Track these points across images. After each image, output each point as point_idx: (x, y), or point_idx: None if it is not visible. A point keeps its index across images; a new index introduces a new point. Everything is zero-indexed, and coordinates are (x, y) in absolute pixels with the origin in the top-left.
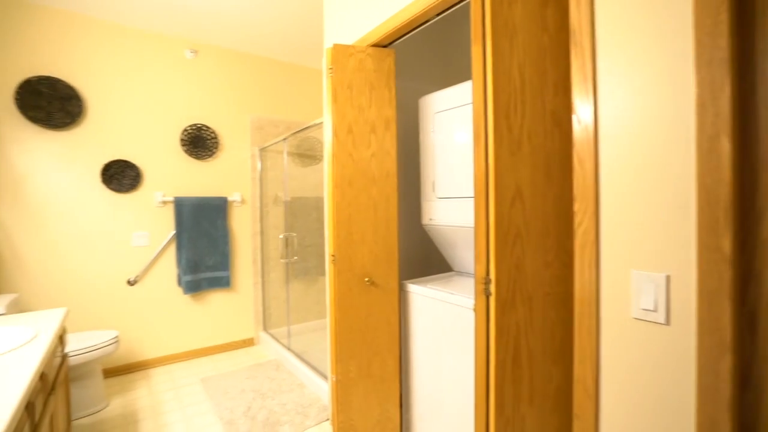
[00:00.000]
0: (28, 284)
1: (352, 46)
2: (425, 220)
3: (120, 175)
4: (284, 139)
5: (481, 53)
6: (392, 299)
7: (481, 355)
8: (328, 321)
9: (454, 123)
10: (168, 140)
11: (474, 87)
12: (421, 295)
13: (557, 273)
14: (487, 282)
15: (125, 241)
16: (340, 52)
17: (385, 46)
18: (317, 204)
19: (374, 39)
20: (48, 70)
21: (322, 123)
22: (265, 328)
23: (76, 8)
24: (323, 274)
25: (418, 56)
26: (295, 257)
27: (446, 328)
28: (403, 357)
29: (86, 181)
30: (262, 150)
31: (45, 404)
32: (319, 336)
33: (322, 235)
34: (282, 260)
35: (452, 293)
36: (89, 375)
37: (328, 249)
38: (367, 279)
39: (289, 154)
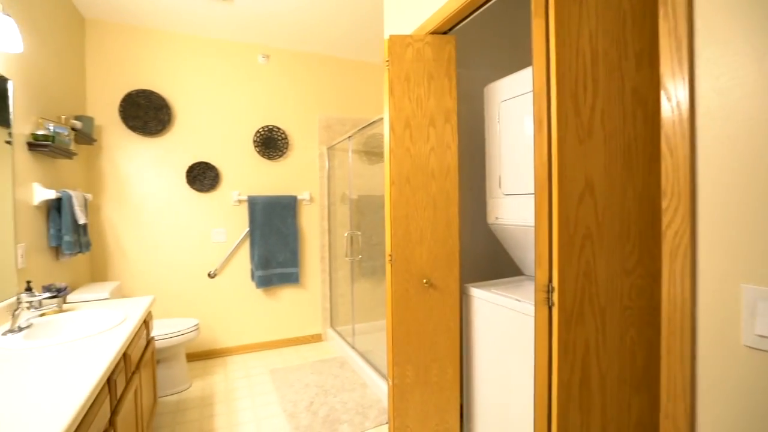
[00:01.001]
0: (128, 273)
1: (410, 36)
2: (491, 219)
3: (202, 176)
4: (349, 137)
5: (542, 25)
6: (452, 303)
7: (542, 374)
8: (386, 322)
9: (521, 112)
10: (242, 142)
11: (535, 66)
12: (485, 300)
13: (639, 283)
14: (550, 290)
15: (206, 236)
16: (396, 43)
17: (445, 33)
18: (384, 202)
19: (433, 26)
20: (144, 84)
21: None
22: (332, 325)
23: (165, 26)
24: None
25: (482, 41)
26: (360, 256)
27: (513, 338)
28: (464, 366)
29: (174, 181)
30: (330, 149)
31: (130, 380)
32: (384, 336)
33: None
34: (346, 258)
35: (519, 300)
36: (174, 358)
37: (387, 248)
38: (425, 281)
39: (356, 152)
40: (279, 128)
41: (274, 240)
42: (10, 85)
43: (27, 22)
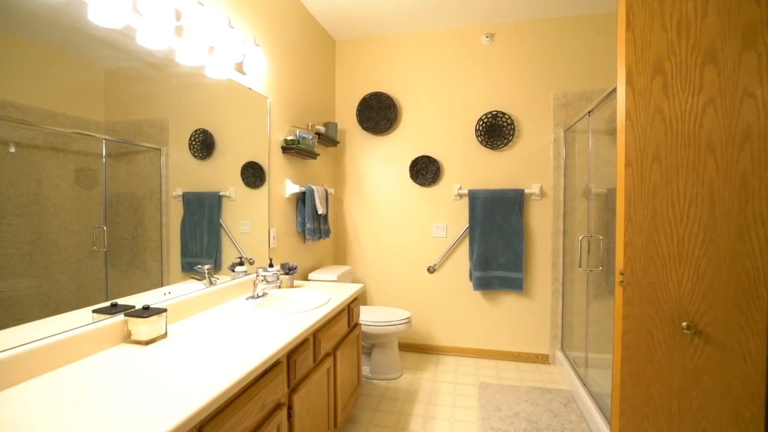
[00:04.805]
0: (360, 259)
1: None
2: None
3: (424, 170)
4: (588, 113)
5: None
6: (749, 374)
7: None
8: (612, 369)
9: None
10: (464, 133)
11: None
12: None
13: None
14: None
15: (426, 231)
16: None
17: None
18: None
19: None
20: (375, 87)
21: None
22: (563, 348)
23: (391, 30)
24: None
25: None
26: (600, 267)
27: None
28: None
29: (399, 176)
30: (568, 131)
31: (320, 361)
32: None
33: None
34: (580, 269)
35: None
36: (388, 345)
37: (616, 262)
38: (686, 324)
39: (601, 132)
40: (504, 113)
41: (495, 239)
42: (267, 102)
43: (285, 50)
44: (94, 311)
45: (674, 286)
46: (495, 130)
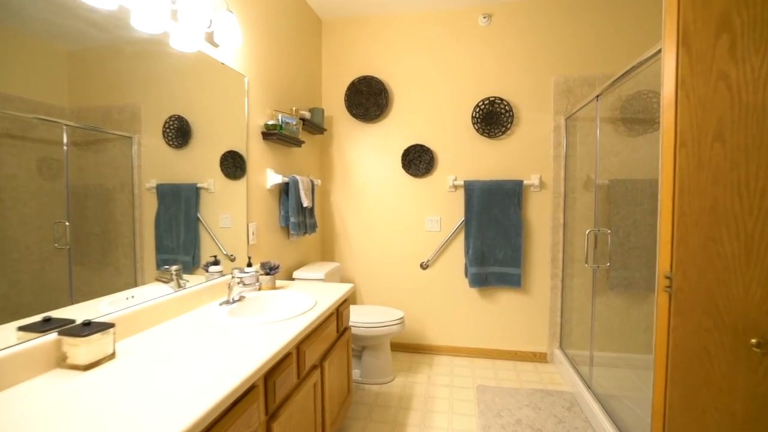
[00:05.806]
0: (350, 256)
1: None
2: None
3: (417, 160)
4: (596, 97)
5: None
6: None
7: None
8: (652, 389)
9: None
10: (459, 120)
11: None
12: None
13: None
14: None
15: (419, 224)
16: None
17: None
18: (653, 189)
19: None
20: (365, 71)
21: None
22: (562, 347)
23: (384, 8)
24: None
25: None
26: (608, 263)
27: None
28: None
29: (390, 166)
30: (569, 119)
31: (305, 377)
32: (641, 380)
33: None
34: (587, 265)
35: None
36: (380, 348)
37: (658, 265)
38: (755, 342)
39: (608, 120)
40: (502, 99)
41: (492, 233)
42: (245, 81)
43: (264, 25)
44: (19, 329)
45: (740, 294)
46: (492, 118)
